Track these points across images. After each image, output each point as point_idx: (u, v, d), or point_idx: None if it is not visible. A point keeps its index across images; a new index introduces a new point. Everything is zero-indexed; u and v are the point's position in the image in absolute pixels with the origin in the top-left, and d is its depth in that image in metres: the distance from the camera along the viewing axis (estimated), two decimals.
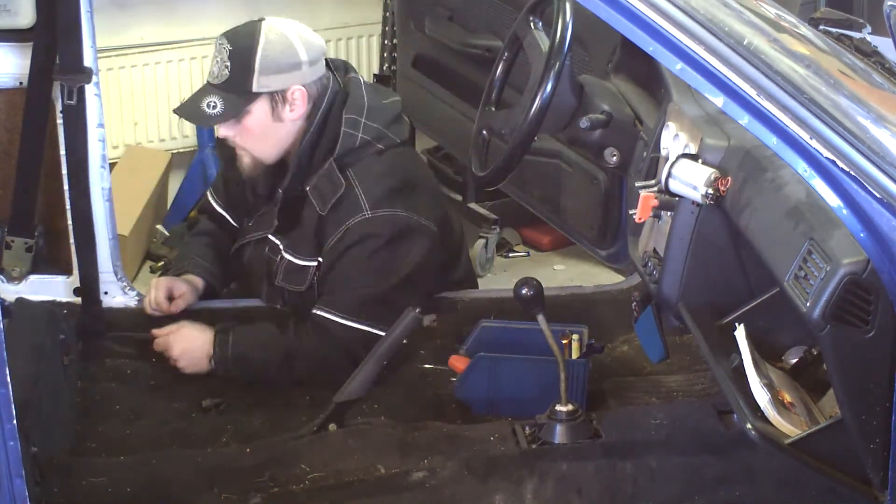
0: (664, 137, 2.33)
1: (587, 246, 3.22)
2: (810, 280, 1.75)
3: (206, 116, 2.73)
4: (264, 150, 2.80)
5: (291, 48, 2.70)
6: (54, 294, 2.91)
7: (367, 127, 2.77)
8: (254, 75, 2.67)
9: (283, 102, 2.72)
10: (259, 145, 2.79)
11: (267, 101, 2.71)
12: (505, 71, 2.70)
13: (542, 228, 4.40)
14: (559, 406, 2.44)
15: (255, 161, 2.82)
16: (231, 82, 2.69)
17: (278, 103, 2.72)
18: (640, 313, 2.50)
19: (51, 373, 2.63)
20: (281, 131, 2.76)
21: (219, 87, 2.71)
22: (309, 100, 2.74)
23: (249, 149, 2.80)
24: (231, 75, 2.68)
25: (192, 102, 2.75)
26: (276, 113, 2.73)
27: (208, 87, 2.73)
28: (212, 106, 2.70)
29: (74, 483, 2.33)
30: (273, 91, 2.70)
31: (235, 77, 2.68)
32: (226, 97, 2.70)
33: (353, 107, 2.77)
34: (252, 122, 2.73)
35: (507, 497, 2.32)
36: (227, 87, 2.70)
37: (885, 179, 1.70)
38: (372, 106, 2.79)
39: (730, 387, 2.03)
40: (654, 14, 1.79)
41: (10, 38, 2.77)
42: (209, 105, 2.70)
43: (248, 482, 2.33)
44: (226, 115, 2.71)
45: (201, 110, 2.71)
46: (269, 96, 2.71)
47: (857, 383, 1.78)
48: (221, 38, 2.71)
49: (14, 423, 1.77)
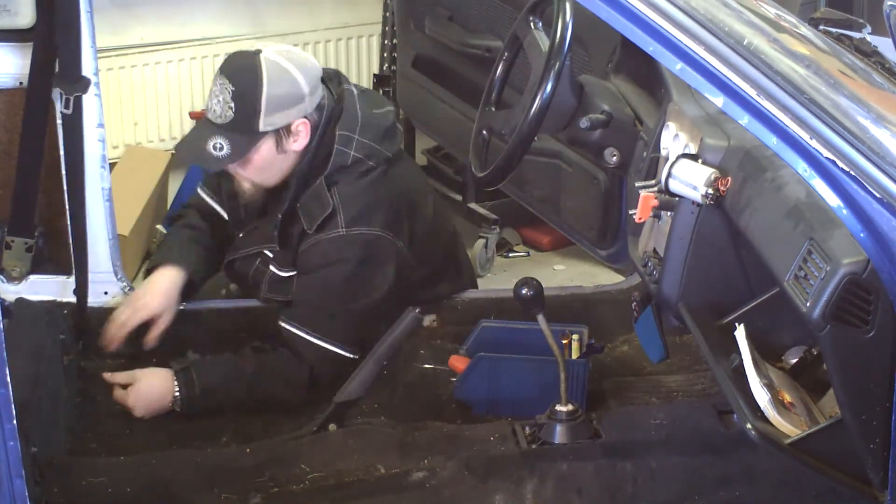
0: (664, 137, 2.33)
1: (587, 246, 3.22)
2: (810, 280, 1.75)
3: (213, 159, 2.68)
4: (267, 179, 2.78)
5: (294, 83, 2.65)
6: (54, 294, 2.91)
7: (360, 144, 2.74)
8: (260, 116, 2.64)
9: (288, 135, 2.69)
10: (262, 176, 2.77)
11: (272, 137, 2.68)
12: (505, 71, 2.70)
13: (542, 228, 4.40)
14: (559, 406, 2.44)
15: (257, 187, 2.80)
16: (236, 122, 2.64)
17: (283, 137, 2.69)
18: (640, 313, 2.50)
19: (51, 373, 2.63)
20: (285, 162, 2.74)
21: (223, 127, 2.66)
22: (311, 129, 2.72)
23: (252, 179, 2.78)
24: (236, 116, 2.63)
25: (195, 143, 2.71)
26: (280, 147, 2.70)
27: (211, 126, 2.68)
28: (218, 148, 2.66)
29: (74, 483, 2.33)
30: (278, 128, 2.68)
31: (241, 118, 2.64)
32: (231, 138, 2.65)
33: (346, 122, 2.74)
34: (258, 158, 2.70)
35: (507, 497, 2.32)
36: (233, 128, 2.65)
37: (885, 179, 1.70)
38: (365, 121, 2.76)
39: (730, 387, 2.03)
40: (654, 14, 1.79)
41: (10, 38, 2.77)
42: (215, 147, 2.66)
43: (248, 482, 2.33)
44: (233, 157, 2.68)
45: (207, 153, 2.67)
46: (275, 132, 2.68)
47: (857, 383, 1.78)
48: (221, 77, 2.65)
49: (14, 423, 1.77)
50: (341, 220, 2.71)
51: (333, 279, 2.74)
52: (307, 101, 2.68)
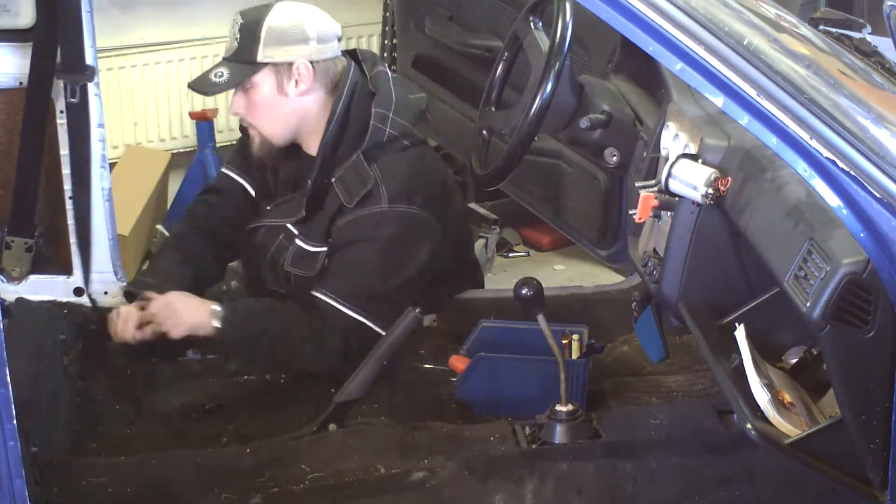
0: (664, 137, 2.33)
1: (587, 246, 3.22)
2: (810, 280, 1.75)
3: (211, 84, 2.75)
4: (272, 127, 2.81)
5: (299, 22, 2.73)
6: (54, 294, 2.91)
7: (395, 122, 2.77)
8: (259, 45, 2.70)
9: (289, 77, 2.73)
10: (266, 121, 2.80)
11: (272, 73, 2.73)
12: (505, 71, 2.70)
13: (542, 228, 4.40)
14: (559, 406, 2.44)
15: (264, 140, 2.83)
16: (238, 53, 2.73)
17: (283, 76, 2.73)
18: (640, 313, 2.50)
19: (51, 373, 2.63)
20: (286, 107, 2.77)
21: (228, 59, 2.75)
22: (316, 77, 2.75)
23: (257, 125, 2.81)
24: (238, 47, 2.73)
25: (203, 75, 2.80)
26: (280, 87, 2.74)
27: (221, 61, 2.78)
28: (218, 76, 2.74)
29: (74, 483, 2.33)
30: (277, 63, 2.72)
31: (242, 47, 2.72)
32: (232, 67, 2.74)
33: (382, 101, 2.77)
34: (258, 95, 2.75)
35: (507, 497, 2.32)
36: (235, 58, 2.74)
37: (885, 179, 1.70)
38: (399, 101, 2.79)
39: (730, 387, 2.03)
40: (654, 14, 1.79)
41: (10, 38, 2.77)
42: (216, 75, 2.75)
43: (248, 482, 2.33)
44: (230, 83, 2.74)
45: (208, 79, 2.76)
46: (274, 68, 2.73)
47: (857, 383, 1.78)
48: (236, 14, 2.76)
49: (14, 423, 1.77)
50: (384, 195, 2.73)
51: (371, 254, 2.75)
52: (312, 45, 2.73)
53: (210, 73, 2.77)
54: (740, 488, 2.33)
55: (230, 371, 2.92)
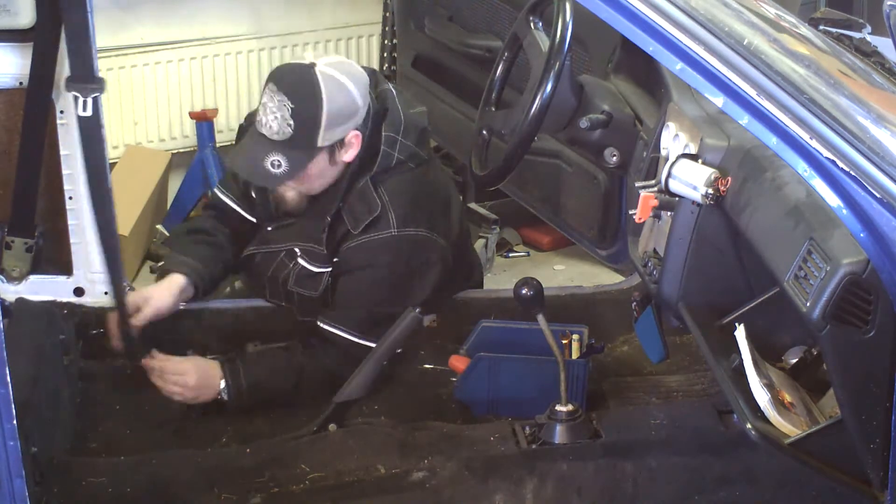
0: (664, 137, 2.33)
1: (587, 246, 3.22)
2: (810, 280, 1.75)
3: (272, 177, 2.66)
4: (314, 188, 2.77)
5: (350, 96, 2.64)
6: (54, 294, 2.91)
7: (403, 146, 2.75)
8: (320, 132, 2.61)
9: (341, 147, 2.69)
10: (311, 186, 2.76)
11: (327, 150, 2.67)
12: (505, 71, 2.70)
13: (542, 228, 4.40)
14: (559, 406, 2.44)
15: (302, 196, 2.80)
16: (295, 139, 2.61)
17: (336, 150, 2.68)
18: (640, 313, 2.50)
19: (51, 373, 2.63)
20: (334, 172, 2.73)
21: (281, 143, 2.62)
22: (363, 139, 2.71)
23: (301, 189, 2.77)
24: (295, 133, 2.60)
25: (253, 159, 2.67)
26: (333, 158, 2.69)
27: (267, 142, 2.63)
28: (276, 165, 2.63)
29: (74, 483, 2.33)
30: (335, 142, 2.66)
31: (300, 135, 2.61)
32: (289, 154, 2.63)
33: (391, 124, 2.74)
34: (312, 171, 2.69)
35: (507, 497, 2.32)
36: (292, 145, 2.62)
37: (885, 179, 1.70)
38: (407, 122, 2.76)
39: (730, 387, 2.03)
40: (654, 14, 1.79)
41: (10, 38, 2.76)
42: (273, 164, 2.63)
43: (248, 482, 2.33)
44: (292, 174, 2.66)
45: (265, 170, 2.64)
46: (330, 146, 2.66)
47: (857, 383, 1.78)
48: (279, 94, 2.60)
49: (14, 423, 1.77)
50: (393, 220, 2.71)
51: (380, 279, 2.74)
52: (360, 112, 2.67)
53: (262, 159, 2.63)
54: (740, 488, 2.33)
55: None
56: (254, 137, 2.67)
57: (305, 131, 2.60)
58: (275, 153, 2.62)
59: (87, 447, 2.60)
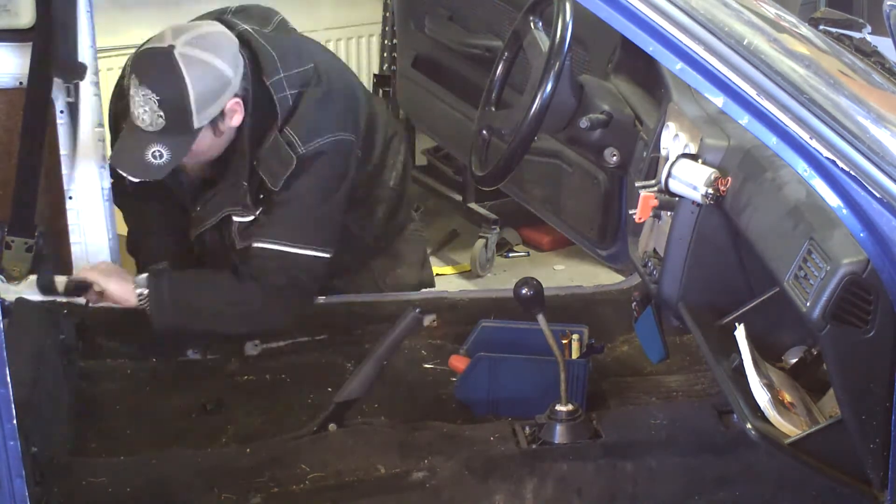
0: (664, 137, 2.33)
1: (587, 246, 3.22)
2: (810, 280, 1.75)
3: (156, 168, 2.60)
4: (208, 158, 2.74)
5: (216, 72, 2.57)
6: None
7: (290, 79, 2.69)
8: (192, 116, 2.56)
9: (223, 119, 2.63)
10: (203, 158, 2.73)
11: (209, 127, 2.62)
12: (505, 71, 2.70)
13: (542, 228, 4.40)
14: (559, 406, 2.44)
15: (200, 166, 2.77)
16: (170, 128, 2.56)
17: (218, 122, 2.63)
18: (640, 313, 2.50)
19: (51, 373, 2.63)
20: (224, 139, 2.70)
21: (158, 134, 2.57)
22: (244, 103, 2.65)
23: (193, 163, 2.75)
24: (168, 123, 2.55)
25: (133, 155, 2.61)
26: (217, 131, 2.65)
27: (144, 134, 2.57)
28: (157, 156, 2.58)
29: (74, 483, 2.33)
30: (214, 118, 2.61)
31: (174, 123, 2.55)
32: (168, 142, 2.57)
33: (268, 68, 2.67)
34: (197, 149, 2.64)
35: (507, 497, 2.32)
36: (168, 134, 2.57)
37: (885, 179, 1.70)
38: (278, 53, 2.69)
39: (730, 387, 2.03)
40: (654, 14, 1.79)
41: (10, 38, 2.77)
42: (154, 155, 2.58)
43: (248, 482, 2.33)
44: (175, 160, 2.61)
45: (148, 162, 2.58)
46: (210, 122, 2.61)
47: (857, 383, 1.78)
48: (142, 87, 2.54)
49: (14, 423, 1.77)
50: (297, 143, 2.68)
51: (299, 194, 2.71)
52: (233, 81, 2.61)
53: (142, 152, 2.57)
54: (740, 488, 2.33)
55: (230, 371, 2.92)
56: (131, 132, 2.61)
57: (178, 118, 2.55)
58: (153, 145, 2.57)
59: (87, 447, 2.60)
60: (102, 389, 2.80)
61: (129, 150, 2.62)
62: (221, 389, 2.83)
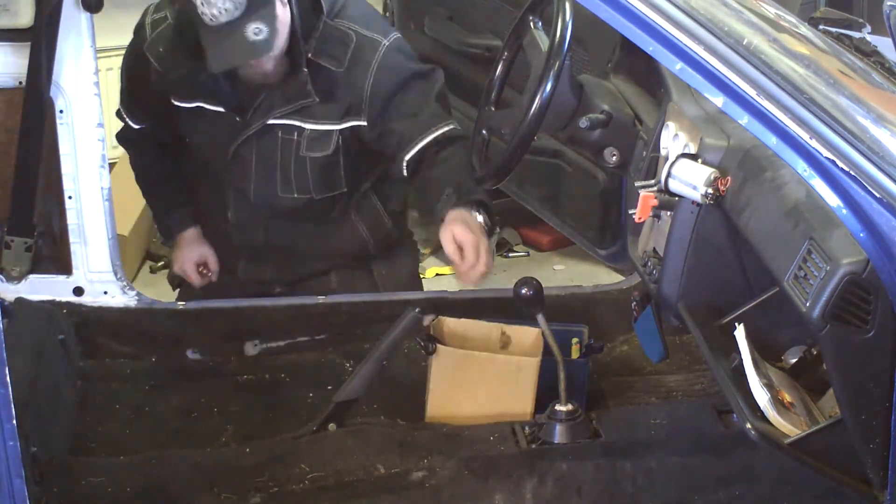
0: (664, 137, 2.33)
1: (587, 246, 3.22)
2: (810, 280, 1.75)
3: (263, 43, 2.55)
4: (284, 38, 2.66)
5: None
6: (54, 294, 2.91)
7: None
8: None
9: None
10: (283, 38, 2.65)
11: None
12: (505, 71, 2.69)
13: (542, 228, 4.40)
14: (559, 406, 2.44)
15: (278, 60, 2.70)
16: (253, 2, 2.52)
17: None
18: (640, 313, 2.50)
19: (51, 373, 2.63)
20: (288, 12, 2.65)
21: (246, 12, 2.52)
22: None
23: (277, 49, 2.64)
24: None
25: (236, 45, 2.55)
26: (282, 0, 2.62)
27: (235, 23, 2.53)
28: (258, 32, 2.53)
29: (74, 483, 2.33)
30: None
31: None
32: (260, 15, 2.53)
33: None
34: (280, 17, 2.60)
35: (507, 497, 2.32)
36: (253, 7, 2.52)
37: (885, 179, 1.70)
38: None
39: (730, 387, 2.03)
40: (654, 14, 1.79)
41: (9, 38, 2.77)
42: (255, 33, 2.53)
43: (248, 482, 2.33)
44: (272, 29, 2.55)
45: (253, 42, 2.54)
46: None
47: (857, 383, 1.78)
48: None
49: (14, 423, 1.77)
50: (376, 37, 2.72)
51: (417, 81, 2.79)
52: None
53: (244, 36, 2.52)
54: (740, 488, 2.33)
55: (230, 371, 2.93)
56: (217, 32, 2.55)
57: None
58: (249, 24, 2.53)
59: (87, 447, 2.60)
60: (102, 389, 2.80)
61: (228, 44, 2.56)
62: (221, 389, 2.83)
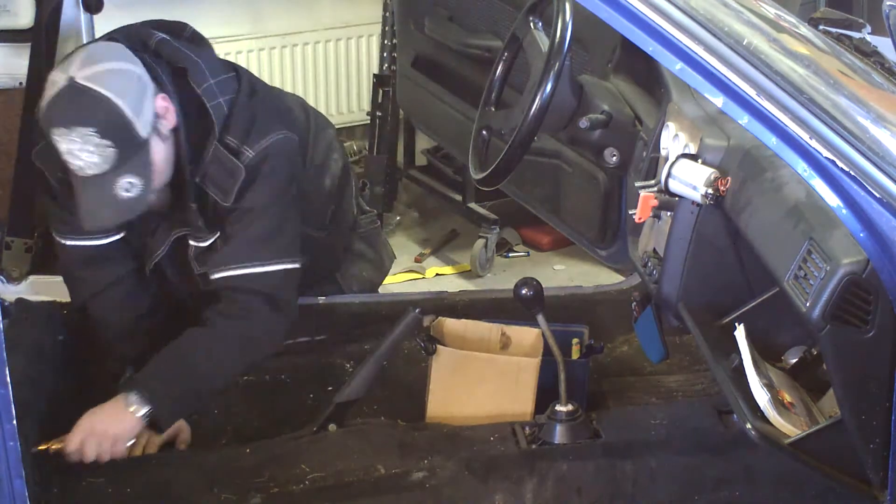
0: (664, 137, 2.33)
1: (587, 246, 3.22)
2: (810, 280, 1.75)
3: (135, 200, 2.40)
4: (166, 174, 2.52)
5: (125, 73, 2.40)
6: (54, 294, 2.91)
7: (220, 85, 2.54)
8: (135, 126, 2.36)
9: (159, 120, 2.45)
10: (164, 175, 2.51)
11: (154, 133, 2.43)
12: (505, 71, 2.69)
13: (542, 228, 4.40)
14: (559, 406, 2.44)
15: (163, 190, 2.54)
16: (123, 152, 2.35)
17: (158, 125, 2.45)
18: (640, 313, 2.50)
19: (51, 373, 2.63)
20: (171, 146, 2.50)
21: (115, 166, 2.36)
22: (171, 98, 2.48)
23: (157, 185, 2.49)
24: (119, 147, 2.34)
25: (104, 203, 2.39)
26: (161, 134, 2.45)
27: (101, 177, 2.36)
28: (129, 187, 2.37)
29: (74, 483, 2.33)
30: (151, 121, 2.42)
31: (123, 144, 2.35)
32: (131, 167, 2.37)
33: (195, 74, 2.51)
34: (156, 159, 2.44)
35: (507, 497, 2.32)
36: (124, 158, 2.36)
37: (884, 179, 1.70)
38: (204, 60, 2.56)
39: (730, 387, 2.03)
40: (654, 14, 1.79)
41: (10, 38, 2.77)
42: (125, 188, 2.37)
43: (248, 482, 2.33)
44: (146, 182, 2.41)
45: (124, 199, 2.38)
46: (152, 126, 2.42)
47: (857, 383, 1.78)
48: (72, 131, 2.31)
49: (14, 423, 1.77)
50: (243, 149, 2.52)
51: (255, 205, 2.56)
52: (143, 75, 2.43)
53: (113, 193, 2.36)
54: (740, 488, 2.33)
55: None
56: (86, 185, 2.39)
57: (125, 137, 2.36)
58: (118, 179, 2.37)
59: None
60: (102, 389, 2.80)
61: (96, 202, 2.41)
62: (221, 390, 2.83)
